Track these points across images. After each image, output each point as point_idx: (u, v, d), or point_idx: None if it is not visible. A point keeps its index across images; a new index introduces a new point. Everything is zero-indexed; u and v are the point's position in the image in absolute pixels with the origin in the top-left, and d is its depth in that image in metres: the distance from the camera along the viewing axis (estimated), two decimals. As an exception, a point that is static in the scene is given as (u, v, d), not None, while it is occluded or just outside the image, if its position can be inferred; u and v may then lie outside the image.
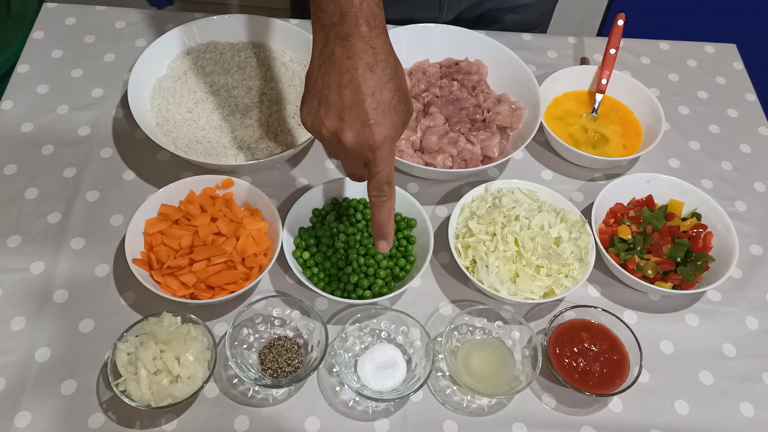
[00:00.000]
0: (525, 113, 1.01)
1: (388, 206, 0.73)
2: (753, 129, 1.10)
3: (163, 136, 0.94)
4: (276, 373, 0.79)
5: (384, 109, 0.68)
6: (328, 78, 0.68)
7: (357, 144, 0.68)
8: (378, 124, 0.67)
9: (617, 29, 1.10)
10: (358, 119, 0.67)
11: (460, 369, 0.81)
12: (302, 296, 0.84)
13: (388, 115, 0.68)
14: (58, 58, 1.06)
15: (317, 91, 0.69)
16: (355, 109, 0.67)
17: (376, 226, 0.74)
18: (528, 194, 0.93)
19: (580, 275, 0.86)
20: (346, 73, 0.67)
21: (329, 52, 0.68)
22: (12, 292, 0.84)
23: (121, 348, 0.75)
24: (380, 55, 0.68)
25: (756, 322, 0.90)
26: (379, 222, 0.74)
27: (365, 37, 0.67)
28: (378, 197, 0.72)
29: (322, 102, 0.69)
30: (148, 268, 0.83)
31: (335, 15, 0.67)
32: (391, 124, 0.68)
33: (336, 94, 0.68)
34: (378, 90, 0.67)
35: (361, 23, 0.67)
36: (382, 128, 0.68)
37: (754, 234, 0.97)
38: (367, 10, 0.67)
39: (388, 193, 0.72)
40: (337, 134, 0.69)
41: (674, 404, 0.83)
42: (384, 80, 0.68)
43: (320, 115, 0.69)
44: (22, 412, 0.76)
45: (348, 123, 0.68)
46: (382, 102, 0.67)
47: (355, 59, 0.67)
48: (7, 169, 0.94)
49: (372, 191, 0.72)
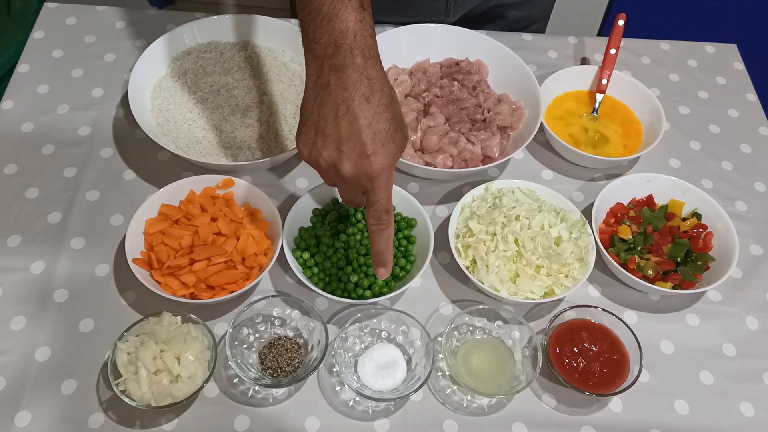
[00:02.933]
0: (525, 113, 1.01)
1: (386, 234, 0.73)
2: (753, 129, 1.10)
3: (164, 136, 0.94)
4: (276, 373, 0.79)
5: (381, 139, 0.68)
6: (324, 109, 0.68)
7: (355, 174, 0.69)
8: (376, 154, 0.68)
9: (618, 29, 1.10)
10: (356, 150, 0.67)
11: (460, 369, 0.81)
12: (302, 296, 0.84)
13: (386, 144, 0.68)
14: (59, 58, 1.06)
15: (313, 122, 0.69)
16: (352, 140, 0.67)
17: (376, 253, 0.75)
18: (528, 194, 0.93)
19: (581, 275, 0.86)
20: (342, 104, 0.67)
21: (324, 84, 0.68)
22: (12, 291, 0.84)
23: (121, 348, 0.75)
24: (376, 85, 0.68)
25: (756, 322, 0.90)
26: (378, 250, 0.75)
27: (360, 68, 0.67)
28: (377, 225, 0.73)
29: (319, 133, 0.69)
30: (149, 267, 0.83)
31: (329, 47, 0.67)
32: (389, 153, 0.69)
33: (333, 125, 0.68)
34: (375, 120, 0.67)
35: (356, 54, 0.67)
36: (380, 158, 0.68)
37: (754, 234, 0.97)
38: (362, 41, 0.67)
39: (387, 221, 0.73)
40: (335, 165, 0.69)
41: (674, 404, 0.83)
42: (380, 110, 0.68)
43: (317, 147, 0.69)
44: (22, 412, 0.76)
45: (346, 154, 0.68)
46: (379, 132, 0.68)
47: (351, 90, 0.67)
48: (8, 169, 0.94)
49: (371, 220, 0.72)
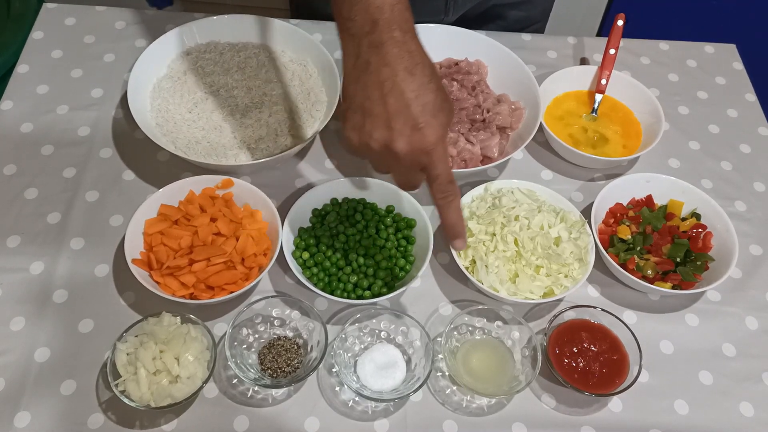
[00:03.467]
0: (525, 113, 1.01)
1: (455, 205, 0.71)
2: (753, 129, 1.10)
3: (163, 136, 0.94)
4: (275, 373, 0.79)
5: (430, 110, 0.66)
6: (367, 90, 0.66)
7: (411, 150, 0.67)
8: (428, 126, 0.66)
9: (617, 29, 1.10)
10: (408, 125, 0.66)
11: (459, 369, 0.81)
12: (302, 296, 0.84)
13: (436, 115, 0.66)
14: (58, 58, 1.06)
15: (358, 105, 0.68)
16: (402, 115, 0.65)
17: (449, 226, 0.73)
18: (528, 194, 0.93)
19: (580, 275, 0.86)
20: (387, 81, 0.65)
21: (364, 63, 0.66)
22: (12, 292, 0.84)
23: (120, 348, 0.75)
24: (417, 57, 0.66)
25: (756, 322, 0.90)
26: (450, 222, 0.72)
27: (400, 42, 0.66)
28: (444, 198, 0.70)
29: (366, 115, 0.67)
30: (148, 268, 0.83)
31: (366, 24, 0.66)
32: (440, 123, 0.67)
33: (379, 104, 0.66)
34: (422, 92, 0.66)
35: (394, 29, 0.65)
36: (433, 130, 0.66)
37: (753, 234, 0.97)
38: (399, 15, 0.66)
39: (453, 191, 0.70)
40: (388, 144, 0.67)
41: (674, 404, 0.83)
42: (425, 81, 0.66)
43: (366, 129, 0.67)
44: (21, 412, 0.76)
45: (398, 130, 0.66)
46: (427, 103, 0.66)
47: (393, 65, 0.65)
48: (7, 169, 0.94)
49: (437, 194, 0.70)
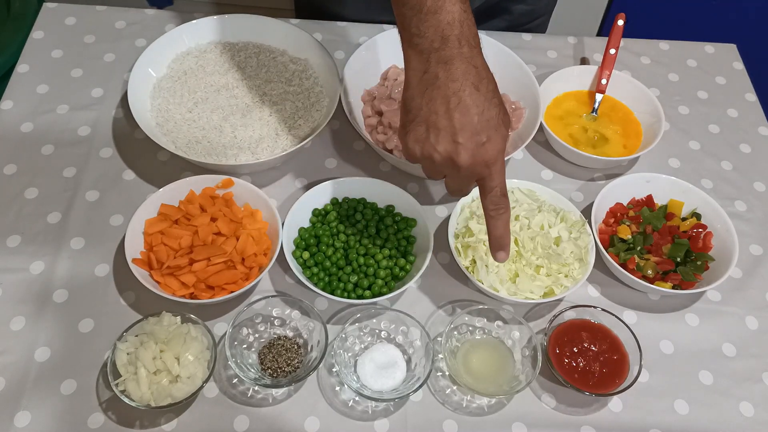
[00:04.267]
0: (525, 113, 1.01)
1: (505, 218, 0.74)
2: (753, 129, 1.10)
3: (163, 136, 0.94)
4: (276, 373, 0.79)
5: (494, 125, 0.69)
6: (434, 104, 0.69)
7: (473, 163, 0.69)
8: (491, 140, 0.69)
9: (617, 29, 1.10)
10: (473, 139, 0.68)
11: (459, 369, 0.81)
12: (302, 296, 0.84)
13: (498, 129, 0.69)
14: (58, 58, 1.06)
15: (423, 118, 0.70)
16: (467, 130, 0.68)
17: (495, 237, 0.75)
18: (528, 194, 0.93)
19: (580, 275, 0.86)
20: (453, 96, 0.68)
21: (432, 78, 0.68)
22: (12, 292, 0.84)
23: (120, 348, 0.75)
24: (482, 72, 0.69)
25: (756, 322, 0.90)
26: (498, 234, 0.75)
27: (467, 57, 0.68)
28: (496, 210, 0.73)
29: (431, 128, 0.69)
30: (148, 267, 0.83)
31: (436, 40, 0.68)
32: (501, 137, 0.70)
33: (445, 118, 0.68)
34: (486, 107, 0.68)
35: (464, 45, 0.68)
36: (495, 144, 0.69)
37: (754, 234, 0.97)
38: (467, 31, 0.68)
39: (505, 204, 0.73)
40: (452, 157, 0.69)
41: (674, 404, 0.83)
42: (489, 96, 0.69)
43: (431, 142, 0.70)
44: (21, 412, 0.76)
45: (463, 145, 0.68)
46: (491, 119, 0.69)
47: (460, 81, 0.67)
48: (7, 169, 0.94)
49: (489, 205, 0.73)
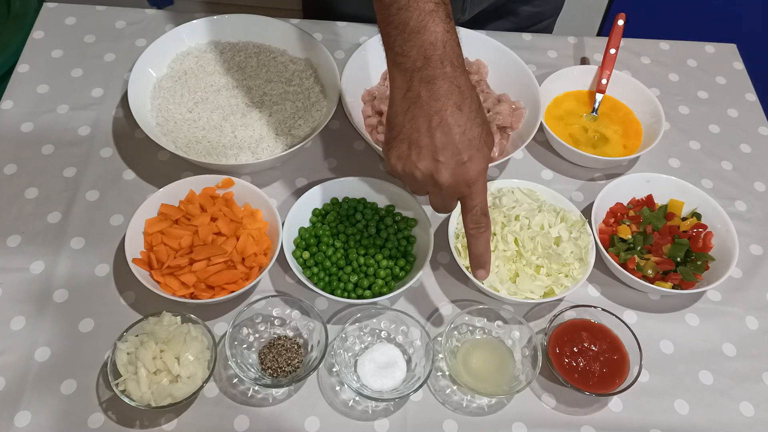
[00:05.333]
0: (525, 113, 1.01)
1: (485, 236, 0.74)
2: (753, 129, 1.10)
3: (163, 136, 0.94)
4: (276, 373, 0.79)
5: (476, 145, 0.69)
6: (416, 122, 0.69)
7: (454, 182, 0.70)
8: (472, 160, 0.69)
9: (617, 29, 1.10)
10: (453, 158, 0.69)
11: (460, 369, 0.81)
12: (302, 296, 0.84)
13: (480, 149, 0.70)
14: (58, 57, 1.06)
15: (405, 136, 0.71)
16: (448, 149, 0.69)
17: (475, 256, 0.76)
18: (528, 194, 0.93)
19: (580, 275, 0.86)
20: (435, 115, 0.68)
21: (414, 97, 0.69)
22: (12, 291, 0.84)
23: (120, 348, 0.75)
24: (466, 92, 0.69)
25: (756, 321, 0.90)
26: (477, 252, 0.76)
27: (450, 77, 0.68)
28: (476, 229, 0.74)
29: (412, 146, 0.70)
30: (148, 267, 0.83)
31: (419, 60, 0.68)
32: (483, 157, 0.71)
33: (427, 136, 0.69)
34: (468, 127, 0.69)
35: (446, 64, 0.68)
36: (476, 163, 0.70)
37: (754, 234, 0.97)
38: (451, 51, 0.69)
39: (486, 224, 0.74)
40: (433, 175, 0.70)
41: (674, 404, 0.83)
42: (472, 116, 0.69)
43: (412, 159, 0.71)
44: (21, 412, 0.76)
45: (443, 163, 0.69)
46: (473, 138, 0.69)
47: (442, 101, 0.68)
48: (7, 168, 0.94)
49: (470, 224, 0.73)
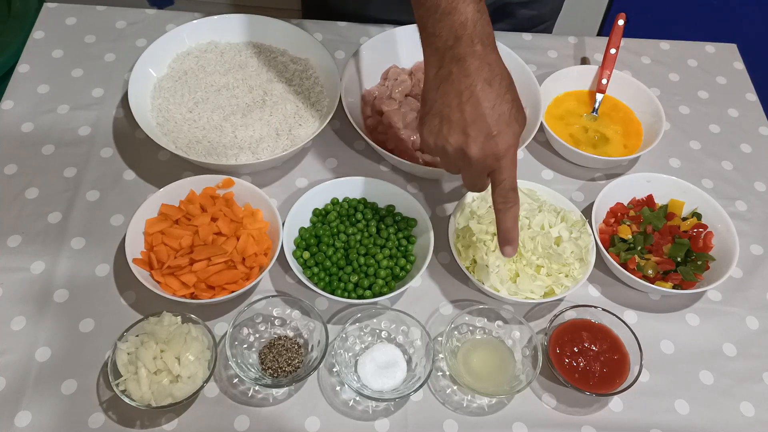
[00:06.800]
0: (525, 113, 1.01)
1: (513, 212, 0.75)
2: (753, 129, 1.10)
3: (164, 136, 0.94)
4: (276, 373, 0.79)
5: (505, 120, 0.71)
6: (447, 97, 0.71)
7: (483, 156, 0.71)
8: (501, 134, 0.71)
9: (617, 29, 1.10)
10: (483, 132, 0.70)
11: (460, 369, 0.81)
12: (302, 296, 0.84)
13: (510, 124, 0.71)
14: (59, 58, 1.06)
15: (437, 111, 0.72)
16: (478, 123, 0.70)
17: (503, 231, 0.76)
18: (528, 194, 0.93)
19: (581, 275, 0.86)
20: (466, 90, 0.70)
21: (446, 74, 0.71)
22: (12, 291, 0.84)
23: (121, 348, 0.75)
24: (495, 69, 0.71)
25: (756, 321, 0.90)
26: (505, 227, 0.76)
27: (480, 55, 0.70)
28: (504, 203, 0.74)
29: (444, 121, 0.72)
30: (149, 267, 0.83)
31: (450, 39, 0.70)
32: (513, 132, 0.72)
33: (457, 111, 0.71)
34: (498, 102, 0.70)
35: (476, 43, 0.70)
36: (505, 138, 0.71)
37: (754, 234, 0.97)
38: (481, 30, 0.70)
39: (514, 199, 0.74)
40: (462, 149, 0.72)
41: (674, 404, 0.83)
42: (502, 92, 0.71)
43: (443, 133, 0.72)
44: (22, 412, 0.76)
45: (473, 137, 0.71)
46: (502, 113, 0.70)
47: (472, 77, 0.70)
48: (8, 169, 0.94)
49: (498, 198, 0.74)
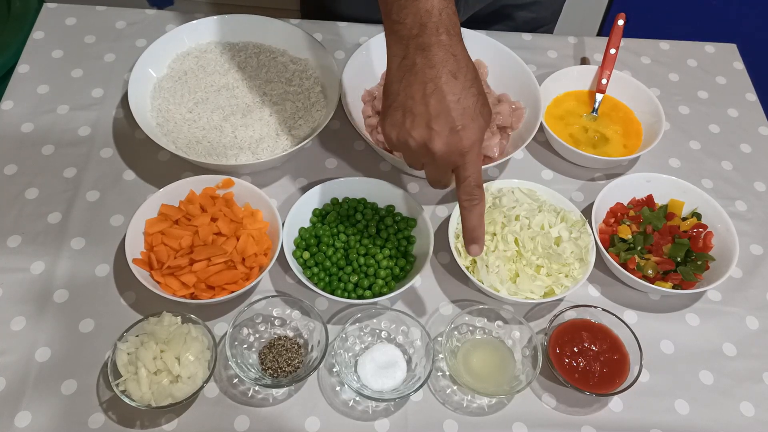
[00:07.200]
0: (525, 113, 1.01)
1: (478, 210, 0.73)
2: (753, 129, 1.10)
3: (164, 136, 0.94)
4: (276, 373, 0.79)
5: (470, 114, 0.68)
6: (410, 89, 0.69)
7: (447, 151, 0.69)
8: (466, 128, 0.68)
9: (617, 29, 1.10)
10: (447, 126, 0.68)
11: (460, 369, 0.81)
12: (302, 296, 0.84)
13: (475, 118, 0.69)
14: (59, 58, 1.06)
15: (400, 103, 0.70)
16: (442, 117, 0.68)
17: (468, 230, 0.75)
18: (528, 194, 0.93)
19: (581, 275, 0.86)
20: (430, 82, 0.68)
21: (410, 64, 0.69)
22: (12, 292, 0.84)
23: (121, 348, 0.75)
24: (461, 61, 0.69)
25: (756, 321, 0.90)
26: (470, 226, 0.74)
27: (446, 45, 0.68)
28: (469, 201, 0.73)
29: (407, 114, 0.70)
30: (149, 268, 0.83)
31: (414, 27, 0.68)
32: (478, 127, 0.69)
33: (421, 104, 0.68)
34: (463, 96, 0.68)
35: (442, 32, 0.67)
36: (470, 132, 0.69)
37: (754, 234, 0.97)
38: (446, 19, 0.68)
39: (479, 196, 0.73)
40: (426, 144, 0.70)
41: (674, 404, 0.83)
42: (467, 85, 0.68)
43: (406, 127, 0.70)
44: (22, 412, 0.76)
45: (437, 131, 0.68)
46: (467, 107, 0.68)
47: (437, 68, 0.67)
48: (8, 169, 0.94)
49: (463, 195, 0.73)
